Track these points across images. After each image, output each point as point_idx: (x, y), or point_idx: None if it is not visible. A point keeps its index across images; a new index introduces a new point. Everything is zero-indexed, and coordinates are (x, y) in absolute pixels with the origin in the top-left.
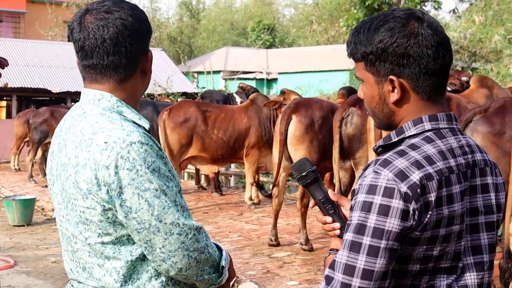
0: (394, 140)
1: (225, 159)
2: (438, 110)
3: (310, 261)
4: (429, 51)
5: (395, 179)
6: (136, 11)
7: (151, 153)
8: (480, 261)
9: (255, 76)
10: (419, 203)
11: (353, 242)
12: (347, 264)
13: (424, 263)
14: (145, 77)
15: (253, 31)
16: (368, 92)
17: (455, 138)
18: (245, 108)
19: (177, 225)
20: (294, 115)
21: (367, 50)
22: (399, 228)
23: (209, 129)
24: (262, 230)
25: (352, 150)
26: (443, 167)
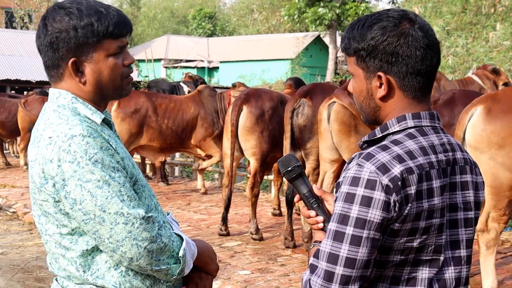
0: (378, 136)
1: (173, 148)
2: (422, 109)
3: (261, 250)
4: (417, 52)
5: (377, 172)
6: (56, 22)
7: (93, 145)
8: (458, 255)
9: (197, 64)
10: (399, 195)
11: (336, 232)
12: (330, 253)
13: (404, 254)
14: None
15: (193, 19)
16: (357, 87)
17: (436, 136)
18: (192, 98)
19: (122, 214)
20: (245, 106)
21: (359, 46)
22: (380, 218)
23: (159, 119)
24: (211, 219)
25: (303, 140)
26: (424, 162)
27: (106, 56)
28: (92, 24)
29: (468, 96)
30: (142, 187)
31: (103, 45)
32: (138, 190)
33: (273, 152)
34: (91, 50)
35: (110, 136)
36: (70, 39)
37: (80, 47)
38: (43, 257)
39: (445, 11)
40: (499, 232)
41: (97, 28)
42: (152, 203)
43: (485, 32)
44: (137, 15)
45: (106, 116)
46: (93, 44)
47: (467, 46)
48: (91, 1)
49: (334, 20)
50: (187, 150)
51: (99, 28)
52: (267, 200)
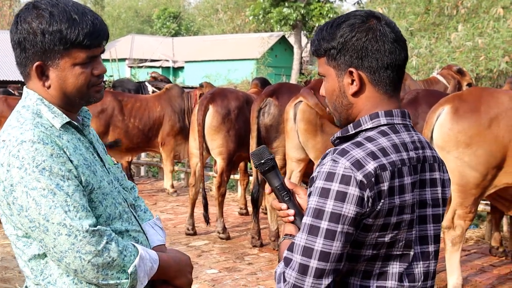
0: (351, 133)
1: (140, 148)
2: (394, 106)
3: (228, 250)
4: (386, 46)
5: (352, 168)
6: (26, 24)
7: (42, 151)
8: (426, 250)
9: (161, 64)
10: (373, 191)
11: (311, 226)
12: (305, 246)
13: (376, 249)
14: (46, 81)
15: (158, 19)
16: (329, 86)
17: (407, 134)
18: (158, 97)
19: (64, 225)
20: (211, 105)
21: (329, 45)
22: (354, 213)
23: (125, 119)
24: (177, 219)
25: (269, 139)
26: (396, 159)
27: (73, 64)
28: (61, 31)
29: (432, 96)
30: (103, 195)
31: (71, 54)
32: (96, 198)
33: (239, 152)
34: (57, 57)
35: (70, 141)
36: (36, 43)
37: (47, 52)
38: (8, 257)
39: (409, 11)
40: (465, 229)
41: (65, 36)
42: (116, 211)
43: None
44: (101, 14)
45: (82, 115)
46: (60, 51)
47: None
48: (68, 5)
49: (299, 20)
50: (154, 149)
51: (67, 36)
52: (234, 200)
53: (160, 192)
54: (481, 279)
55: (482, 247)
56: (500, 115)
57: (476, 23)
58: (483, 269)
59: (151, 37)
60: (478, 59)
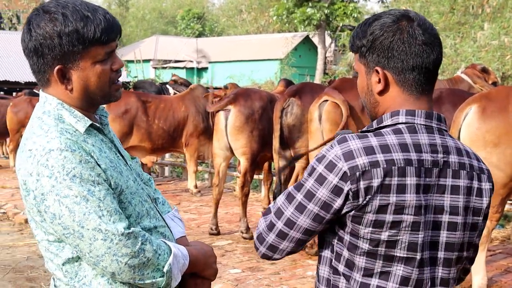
0: (374, 127)
1: (165, 149)
2: (420, 106)
3: (251, 249)
4: (412, 48)
5: (340, 157)
6: (41, 29)
7: (71, 159)
8: (434, 256)
9: (186, 65)
10: (355, 184)
11: (289, 194)
12: (279, 208)
13: (373, 244)
14: (62, 87)
15: (182, 20)
16: (360, 82)
17: (428, 136)
18: (182, 98)
19: (100, 230)
20: (233, 106)
21: (361, 43)
22: (327, 199)
23: (149, 119)
24: (201, 219)
25: (292, 139)
26: (398, 158)
27: (93, 63)
28: (78, 31)
29: (455, 95)
30: (131, 194)
31: (90, 52)
32: (125, 199)
33: (263, 152)
34: (78, 58)
35: (95, 145)
36: (55, 47)
37: (66, 54)
38: (34, 257)
39: (433, 11)
40: (491, 229)
41: (83, 35)
42: (144, 209)
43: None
44: (125, 15)
45: (99, 114)
46: (79, 51)
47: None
48: (78, 4)
49: (322, 20)
50: (178, 150)
51: (85, 35)
52: (257, 200)
53: (184, 192)
54: (506, 280)
55: (508, 247)
56: None
57: (502, 22)
58: (509, 270)
59: (175, 38)
60: (504, 58)
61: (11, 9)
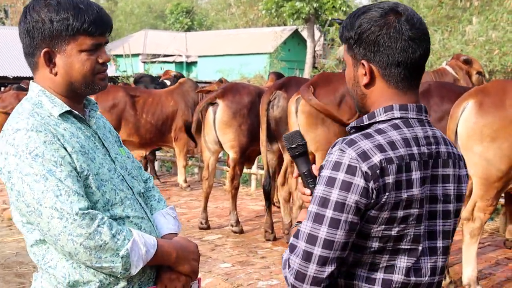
0: (365, 123)
1: (153, 143)
2: (409, 100)
3: (241, 243)
4: (398, 43)
5: (357, 159)
6: (35, 12)
7: (35, 139)
8: (434, 246)
9: (175, 59)
10: (377, 183)
11: (316, 214)
12: (310, 233)
13: (383, 241)
14: (53, 68)
15: (171, 14)
16: (347, 74)
17: (421, 129)
18: (171, 92)
19: (56, 209)
20: (221, 100)
21: (349, 34)
22: (358, 203)
23: (138, 114)
24: (191, 213)
25: (279, 132)
26: (405, 154)
27: (79, 51)
28: (67, 19)
29: (444, 88)
30: (101, 181)
31: (77, 40)
32: (92, 184)
33: (252, 145)
34: (65, 43)
35: (67, 129)
36: (44, 30)
37: (54, 38)
38: (23, 252)
39: (422, 5)
40: (484, 222)
41: (72, 23)
42: (117, 197)
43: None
44: (114, 10)
45: (89, 108)
46: (67, 37)
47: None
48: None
49: (311, 13)
50: (167, 144)
51: (74, 23)
52: (247, 194)
53: (173, 187)
54: (495, 272)
55: (497, 239)
56: None
57: (490, 15)
58: (498, 262)
59: (164, 32)
60: (492, 54)
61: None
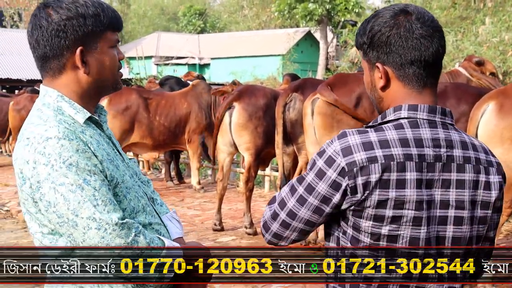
0: (377, 123)
1: (167, 145)
2: (423, 100)
3: (255, 245)
4: (409, 42)
5: (339, 153)
6: (64, 10)
7: (68, 147)
8: (441, 252)
9: (187, 61)
10: (353, 180)
11: (293, 186)
12: (283, 199)
13: (374, 238)
14: (78, 71)
15: (184, 16)
16: (365, 79)
17: (431, 130)
18: (185, 94)
19: (94, 219)
20: (237, 103)
21: (362, 40)
22: (327, 193)
23: (151, 116)
24: (205, 215)
25: (294, 135)
26: (398, 153)
27: (109, 47)
28: (98, 14)
29: (459, 89)
30: (127, 189)
31: (107, 36)
32: (120, 192)
33: (267, 148)
34: (97, 40)
35: (92, 137)
36: (79, 27)
37: (87, 36)
38: None
39: (435, 6)
40: (501, 224)
41: (102, 18)
42: (139, 204)
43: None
44: (127, 12)
45: (98, 112)
46: (99, 34)
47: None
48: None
49: (324, 15)
50: (181, 146)
51: (104, 19)
52: (260, 195)
53: (187, 189)
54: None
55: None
56: None
57: (503, 15)
58: None
59: (177, 35)
60: (506, 55)
61: (13, 6)
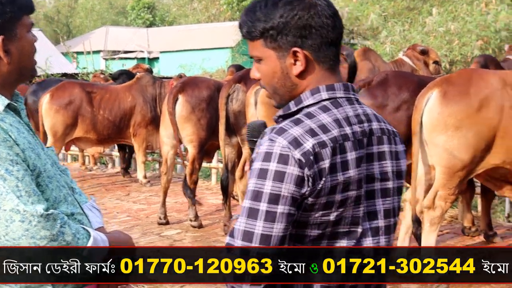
0: (292, 110)
1: (111, 139)
2: (336, 80)
3: (200, 238)
4: (328, 21)
5: (289, 147)
6: None
7: None
8: (375, 226)
9: (136, 55)
10: (312, 169)
11: (250, 209)
12: (245, 230)
13: (321, 228)
14: (8, 55)
15: (132, 10)
16: (268, 69)
17: (351, 107)
18: (129, 87)
19: (17, 211)
20: (181, 95)
21: (267, 26)
22: (294, 193)
23: (94, 110)
24: (150, 209)
25: (238, 126)
26: (338, 135)
27: (26, 32)
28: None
29: (401, 77)
30: (48, 178)
31: (23, 21)
32: (42, 182)
33: (211, 140)
34: (16, 26)
35: (12, 125)
36: None
37: (6, 23)
38: None
39: None
40: (445, 211)
41: (18, 2)
42: (61, 194)
43: (421, 18)
44: (74, 6)
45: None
46: (17, 19)
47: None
48: None
49: None
50: (126, 140)
51: (19, 2)
52: (207, 188)
53: (133, 183)
54: None
55: (455, 227)
56: (489, 97)
57: (449, 7)
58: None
59: (126, 28)
60: (452, 44)
61: None
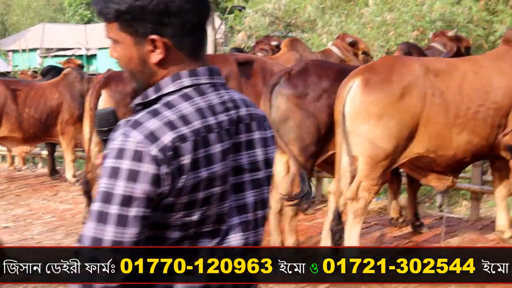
0: (151, 98)
1: (38, 138)
2: (200, 65)
3: None
4: (189, 5)
5: (144, 142)
6: None
7: None
8: (244, 220)
9: (74, 52)
10: (171, 167)
11: (100, 213)
12: (94, 237)
13: (183, 229)
14: None
15: (70, 7)
16: (125, 54)
17: (216, 94)
18: (56, 84)
19: None
20: (104, 90)
21: (121, 8)
22: (149, 194)
23: (19, 108)
24: (77, 209)
25: None
26: (201, 127)
27: None
28: None
29: (321, 66)
30: None
31: None
32: None
33: None
34: None
35: None
36: None
37: None
38: None
39: None
40: (368, 202)
41: None
42: None
43: (357, 9)
44: (10, 4)
45: None
46: None
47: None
48: None
49: (211, 1)
50: (53, 138)
51: None
52: None
53: (62, 183)
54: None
55: (384, 218)
56: (412, 84)
57: None
58: (382, 241)
59: (63, 25)
60: (388, 35)
61: None
